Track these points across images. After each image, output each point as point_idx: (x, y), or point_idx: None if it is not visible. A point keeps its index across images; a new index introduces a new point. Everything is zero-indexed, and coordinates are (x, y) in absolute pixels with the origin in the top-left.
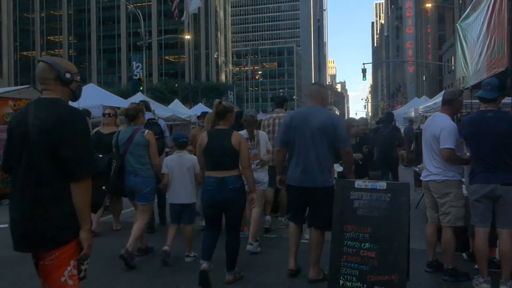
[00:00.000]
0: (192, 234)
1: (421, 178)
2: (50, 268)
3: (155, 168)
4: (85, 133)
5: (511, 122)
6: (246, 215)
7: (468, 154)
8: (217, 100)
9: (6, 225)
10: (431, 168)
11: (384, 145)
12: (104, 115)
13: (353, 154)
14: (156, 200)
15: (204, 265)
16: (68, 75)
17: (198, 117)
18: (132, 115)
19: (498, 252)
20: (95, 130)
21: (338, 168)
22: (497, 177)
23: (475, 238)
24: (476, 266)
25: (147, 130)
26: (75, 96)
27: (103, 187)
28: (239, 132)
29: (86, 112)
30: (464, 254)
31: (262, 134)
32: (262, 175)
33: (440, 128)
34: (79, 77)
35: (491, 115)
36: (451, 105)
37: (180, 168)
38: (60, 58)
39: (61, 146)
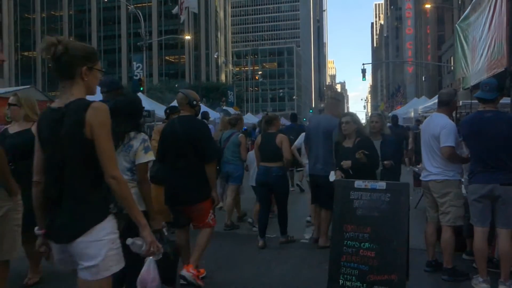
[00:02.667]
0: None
1: (421, 178)
2: (201, 214)
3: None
4: (210, 135)
5: (510, 123)
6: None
7: (467, 153)
8: (265, 112)
9: None
10: (431, 168)
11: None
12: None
13: (342, 162)
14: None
15: (261, 242)
16: (194, 102)
17: (168, 113)
18: (234, 122)
19: (497, 252)
20: None
21: (331, 177)
22: (496, 177)
23: (474, 237)
24: (474, 265)
25: (241, 134)
26: (197, 114)
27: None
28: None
29: None
30: (464, 255)
31: None
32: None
33: (440, 127)
34: (200, 102)
35: (490, 116)
36: (449, 106)
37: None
38: (191, 90)
39: (200, 142)
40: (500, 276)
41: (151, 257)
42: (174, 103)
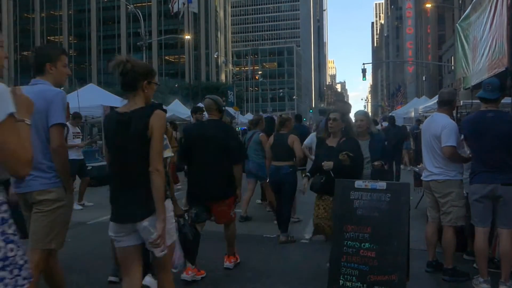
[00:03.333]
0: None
1: (422, 178)
2: (225, 209)
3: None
4: (238, 137)
5: (511, 122)
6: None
7: (468, 152)
8: (279, 114)
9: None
10: (432, 168)
11: (394, 140)
12: None
13: (323, 163)
14: None
15: (283, 238)
16: (222, 108)
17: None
18: (255, 123)
19: (498, 252)
20: None
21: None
22: (497, 177)
23: (475, 237)
24: (474, 265)
25: (261, 133)
26: (222, 118)
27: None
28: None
29: (77, 115)
30: (464, 255)
31: None
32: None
33: (441, 127)
34: (225, 108)
35: (492, 115)
36: (450, 106)
37: None
38: (217, 96)
39: (229, 144)
40: (500, 276)
41: (176, 239)
42: (175, 103)
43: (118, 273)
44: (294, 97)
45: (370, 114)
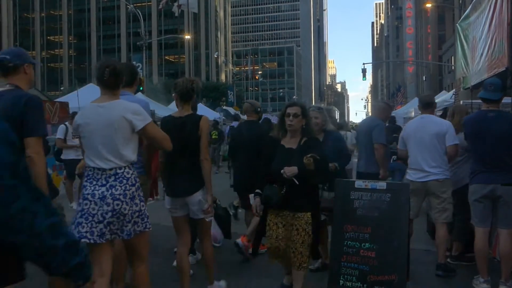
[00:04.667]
0: None
1: (417, 180)
2: None
3: None
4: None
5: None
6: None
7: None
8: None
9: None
10: (429, 168)
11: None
12: None
13: (284, 169)
14: None
15: None
16: (258, 109)
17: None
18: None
19: (498, 252)
20: None
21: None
22: (498, 177)
23: (475, 238)
24: (466, 263)
25: None
26: (260, 118)
27: None
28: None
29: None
30: (448, 259)
31: None
32: None
33: (446, 126)
34: (261, 109)
35: (493, 115)
36: (433, 107)
37: None
38: (255, 100)
39: (259, 143)
40: (500, 277)
41: (212, 219)
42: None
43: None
44: (294, 97)
45: (370, 114)
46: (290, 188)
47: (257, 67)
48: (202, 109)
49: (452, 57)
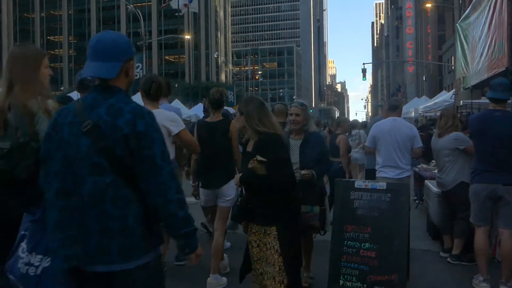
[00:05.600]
0: None
1: (394, 177)
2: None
3: None
4: None
5: None
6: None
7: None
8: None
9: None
10: (403, 165)
11: None
12: None
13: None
14: None
15: None
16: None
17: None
18: (317, 124)
19: (497, 252)
20: None
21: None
22: (500, 177)
23: (475, 237)
24: (466, 263)
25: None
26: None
27: None
28: None
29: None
30: (448, 259)
31: None
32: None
33: (415, 131)
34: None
35: (499, 114)
36: (398, 110)
37: None
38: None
39: None
40: (501, 276)
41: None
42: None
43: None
44: (294, 97)
45: (370, 114)
46: (253, 198)
47: (257, 67)
48: (202, 109)
49: (452, 57)
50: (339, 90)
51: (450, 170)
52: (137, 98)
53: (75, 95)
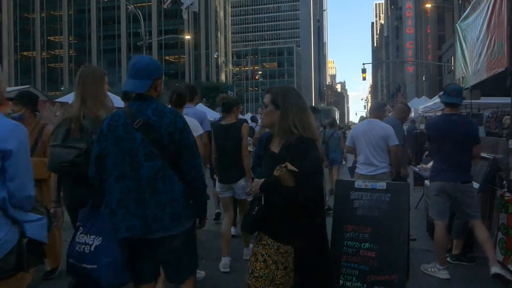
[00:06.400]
0: None
1: (367, 173)
2: None
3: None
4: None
5: (472, 125)
6: None
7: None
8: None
9: None
10: (378, 163)
11: None
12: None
13: (253, 184)
14: None
15: None
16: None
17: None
18: (332, 123)
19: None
20: None
21: None
22: (457, 175)
23: (435, 230)
24: (467, 263)
25: (340, 131)
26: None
27: None
28: None
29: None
30: (448, 258)
31: None
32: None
33: (389, 131)
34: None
35: (455, 118)
36: (376, 113)
37: None
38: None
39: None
40: (488, 260)
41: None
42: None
43: None
44: None
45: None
46: (268, 207)
47: (257, 67)
48: (202, 109)
49: (452, 57)
50: (339, 90)
51: None
52: None
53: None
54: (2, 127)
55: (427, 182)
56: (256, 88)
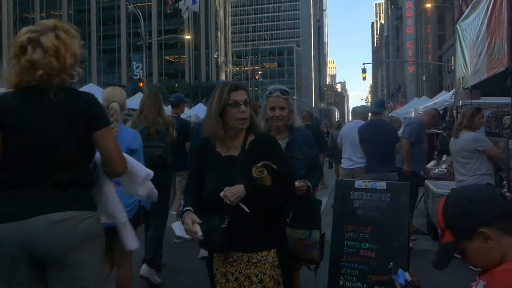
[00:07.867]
0: None
1: (348, 167)
2: None
3: None
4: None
5: (391, 128)
6: None
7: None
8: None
9: None
10: (356, 159)
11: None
12: None
13: (224, 191)
14: None
15: None
16: (313, 116)
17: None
18: (338, 125)
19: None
20: None
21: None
22: (386, 167)
23: None
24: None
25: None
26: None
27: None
28: None
29: None
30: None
31: None
32: None
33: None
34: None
35: (381, 123)
36: (362, 115)
37: None
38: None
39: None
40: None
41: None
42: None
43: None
44: (294, 97)
45: (370, 114)
46: (235, 219)
47: (257, 67)
48: (202, 109)
49: (452, 57)
50: (339, 90)
51: (473, 173)
52: (137, 97)
53: None
54: (129, 134)
55: (427, 182)
56: (256, 88)
